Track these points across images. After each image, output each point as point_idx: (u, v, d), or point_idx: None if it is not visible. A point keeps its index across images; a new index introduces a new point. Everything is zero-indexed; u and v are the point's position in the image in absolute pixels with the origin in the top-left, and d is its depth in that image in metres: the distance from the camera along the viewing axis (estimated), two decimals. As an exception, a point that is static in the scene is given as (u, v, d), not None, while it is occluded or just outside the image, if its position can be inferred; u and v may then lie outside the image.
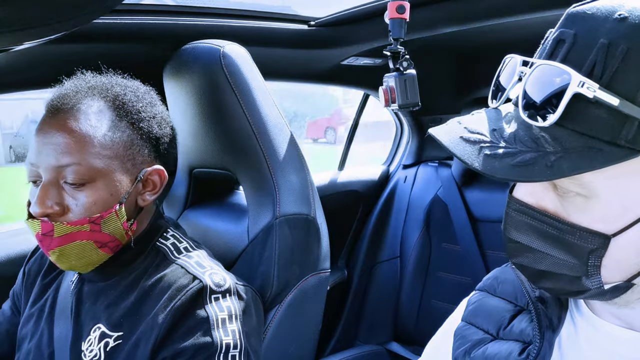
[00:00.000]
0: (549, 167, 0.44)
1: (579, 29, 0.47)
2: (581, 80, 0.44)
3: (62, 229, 0.80)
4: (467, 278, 1.77)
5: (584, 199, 0.48)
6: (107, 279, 0.89)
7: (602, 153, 0.44)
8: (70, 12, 0.70)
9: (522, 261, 0.53)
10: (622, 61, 0.44)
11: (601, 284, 0.50)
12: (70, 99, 0.83)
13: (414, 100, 1.13)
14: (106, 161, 0.82)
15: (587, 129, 0.45)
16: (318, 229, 1.08)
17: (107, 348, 0.83)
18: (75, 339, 0.87)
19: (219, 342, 0.80)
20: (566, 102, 0.44)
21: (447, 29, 1.34)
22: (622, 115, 0.43)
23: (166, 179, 0.91)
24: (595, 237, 0.48)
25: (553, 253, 0.50)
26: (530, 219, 0.50)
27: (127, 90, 0.89)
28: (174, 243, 0.93)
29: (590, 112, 0.44)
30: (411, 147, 2.09)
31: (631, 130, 0.43)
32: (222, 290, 0.85)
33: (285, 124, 1.10)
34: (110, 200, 0.83)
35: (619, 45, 0.44)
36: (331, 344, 1.89)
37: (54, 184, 0.80)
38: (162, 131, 0.91)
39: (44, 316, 0.94)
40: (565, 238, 0.49)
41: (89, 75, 0.90)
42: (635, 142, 0.44)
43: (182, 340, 0.79)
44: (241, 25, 1.35)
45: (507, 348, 0.61)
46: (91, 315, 0.87)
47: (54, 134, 0.80)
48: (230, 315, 0.84)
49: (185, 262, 0.88)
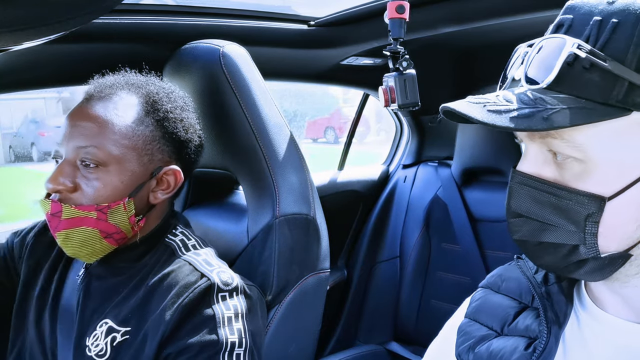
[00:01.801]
0: (545, 119, 0.48)
1: (576, 15, 0.53)
2: (575, 42, 0.49)
3: (69, 212, 0.83)
4: (466, 278, 1.77)
5: (581, 164, 0.51)
6: (117, 275, 0.90)
7: (595, 111, 0.48)
8: (70, 12, 0.70)
9: (523, 235, 0.55)
10: (612, 32, 0.49)
11: (598, 252, 0.52)
12: (106, 90, 0.89)
13: (414, 100, 1.13)
14: (123, 150, 0.85)
15: (582, 92, 0.49)
16: (318, 229, 1.09)
17: (114, 343, 0.83)
18: (80, 334, 0.87)
19: (224, 340, 0.81)
20: (562, 60, 0.49)
21: (447, 29, 1.34)
22: (612, 76, 0.48)
23: (181, 180, 0.93)
24: (592, 200, 0.50)
25: (552, 221, 0.53)
26: (532, 188, 0.53)
27: (160, 90, 0.93)
28: (183, 240, 0.94)
29: (584, 77, 0.49)
30: (411, 147, 2.09)
31: (621, 90, 0.48)
32: (230, 288, 0.86)
33: (285, 123, 1.10)
34: (120, 188, 0.85)
35: (609, 20, 0.50)
36: (331, 343, 1.89)
37: (71, 163, 0.84)
38: (187, 136, 0.93)
39: (47, 308, 0.94)
40: (563, 203, 0.52)
41: (131, 73, 0.95)
42: (625, 102, 0.48)
43: (188, 337, 0.80)
44: (241, 25, 1.35)
45: (513, 343, 0.61)
46: (99, 311, 0.88)
47: (81, 118, 0.85)
48: (236, 314, 0.85)
49: (193, 259, 0.89)
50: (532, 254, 0.57)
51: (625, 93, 0.48)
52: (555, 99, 0.49)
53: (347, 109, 9.38)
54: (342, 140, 2.06)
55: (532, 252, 0.56)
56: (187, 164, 0.96)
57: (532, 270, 0.67)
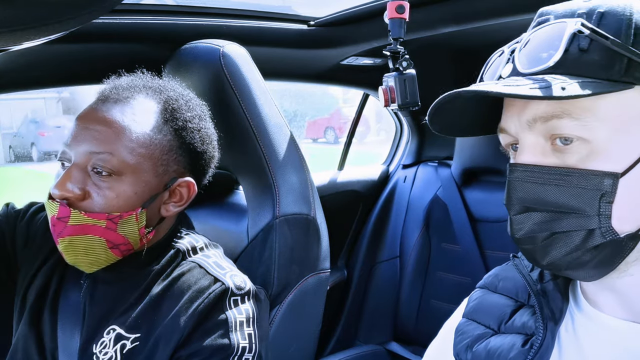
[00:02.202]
0: (563, 89, 0.47)
1: (554, 12, 0.55)
2: (577, 20, 0.50)
3: (78, 218, 0.77)
4: (466, 278, 1.77)
5: (587, 145, 0.50)
6: (123, 280, 0.87)
7: (603, 84, 0.49)
8: (70, 12, 0.70)
9: (531, 230, 0.53)
10: (601, 19, 0.51)
11: (615, 233, 0.50)
12: (123, 92, 0.83)
13: (414, 100, 1.13)
14: (139, 159, 0.80)
15: (584, 72, 0.50)
16: (318, 229, 1.08)
17: (124, 350, 0.81)
18: (86, 341, 0.84)
19: (235, 344, 0.80)
20: (567, 39, 0.50)
21: (447, 29, 1.34)
22: (611, 54, 0.49)
23: (195, 193, 0.89)
24: (605, 178, 0.49)
25: (563, 207, 0.51)
26: (536, 178, 0.52)
27: (180, 97, 0.88)
28: (191, 241, 0.92)
29: (584, 59, 0.50)
30: (411, 147, 2.09)
31: (622, 66, 0.49)
32: (242, 292, 0.85)
33: (285, 123, 1.10)
34: (133, 199, 0.80)
35: (594, 11, 0.51)
36: (331, 343, 1.89)
37: (82, 168, 0.79)
38: (203, 147, 0.90)
39: (46, 308, 0.90)
40: (574, 187, 0.50)
41: (148, 75, 0.90)
42: (628, 75, 0.49)
43: (201, 341, 0.79)
44: (241, 25, 1.35)
45: (510, 341, 0.61)
46: (105, 317, 0.85)
47: (95, 121, 0.79)
48: (247, 319, 0.84)
49: (204, 261, 0.88)
50: (540, 251, 0.54)
51: (625, 68, 0.49)
52: (562, 77, 0.49)
53: (347, 109, 9.39)
54: (342, 140, 2.06)
55: (540, 249, 0.53)
56: (200, 176, 0.92)
57: (528, 269, 0.67)
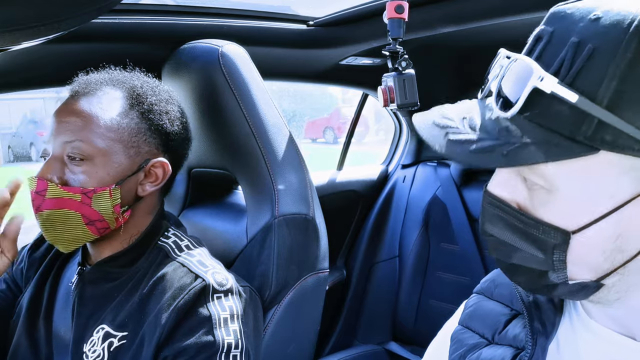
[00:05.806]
0: (505, 155, 0.45)
1: (557, 27, 0.48)
2: (541, 75, 0.45)
3: (54, 191, 0.83)
4: (465, 278, 1.78)
5: (547, 192, 0.49)
6: (111, 280, 0.90)
7: (559, 147, 0.45)
8: (70, 11, 0.70)
9: (497, 254, 0.55)
10: (587, 60, 0.45)
11: (566, 278, 0.50)
12: (90, 86, 0.90)
13: (413, 100, 1.13)
14: (108, 142, 0.86)
15: (550, 123, 0.46)
16: (317, 229, 1.09)
17: (111, 348, 0.83)
18: (77, 341, 0.87)
19: (220, 341, 0.81)
20: (526, 95, 0.46)
21: (446, 29, 1.34)
22: (581, 112, 0.44)
23: (169, 172, 0.93)
24: (557, 232, 0.49)
25: (521, 246, 0.52)
26: (501, 211, 0.52)
27: (144, 84, 0.93)
28: (175, 241, 0.93)
29: (554, 107, 0.45)
30: (410, 147, 2.09)
31: (590, 127, 0.44)
32: (225, 289, 0.86)
33: (284, 123, 1.10)
34: (106, 179, 0.86)
35: (586, 44, 0.45)
36: (330, 343, 1.89)
37: (59, 159, 0.85)
38: (173, 128, 0.93)
39: (40, 316, 0.94)
40: (531, 232, 0.50)
41: (115, 70, 0.96)
42: (593, 140, 0.44)
43: (185, 339, 0.80)
44: (240, 25, 1.34)
45: (501, 353, 0.61)
46: (94, 316, 0.87)
47: (66, 114, 0.86)
48: (232, 315, 0.84)
49: (187, 260, 0.89)
50: (506, 272, 0.56)
51: (594, 130, 0.44)
52: (520, 130, 0.46)
53: (346, 109, 9.39)
54: (341, 140, 2.06)
55: (506, 270, 0.56)
56: (176, 157, 0.96)
57: None
